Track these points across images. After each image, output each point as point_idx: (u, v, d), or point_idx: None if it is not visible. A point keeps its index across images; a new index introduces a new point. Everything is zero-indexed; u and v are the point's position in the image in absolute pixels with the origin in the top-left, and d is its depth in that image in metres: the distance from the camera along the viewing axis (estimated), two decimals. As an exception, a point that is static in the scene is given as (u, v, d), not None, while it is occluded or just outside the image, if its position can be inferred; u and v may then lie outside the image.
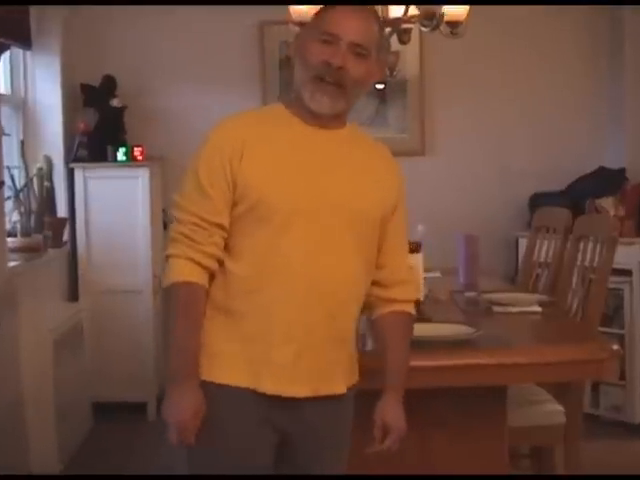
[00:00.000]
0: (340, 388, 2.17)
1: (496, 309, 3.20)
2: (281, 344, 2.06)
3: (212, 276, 2.10)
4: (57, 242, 4.90)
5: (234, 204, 2.08)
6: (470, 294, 3.48)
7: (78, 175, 5.18)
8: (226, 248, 2.10)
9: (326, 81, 2.07)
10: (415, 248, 3.35)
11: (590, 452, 3.43)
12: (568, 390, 3.22)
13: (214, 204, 2.07)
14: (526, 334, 3.09)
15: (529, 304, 3.25)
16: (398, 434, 2.21)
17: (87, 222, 5.17)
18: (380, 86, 5.50)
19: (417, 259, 3.22)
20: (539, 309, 3.22)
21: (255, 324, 2.06)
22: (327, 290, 2.08)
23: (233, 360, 2.08)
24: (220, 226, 2.08)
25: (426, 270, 3.31)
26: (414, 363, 2.46)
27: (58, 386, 4.22)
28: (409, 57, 5.49)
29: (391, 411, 2.20)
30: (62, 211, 5.15)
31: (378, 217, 2.18)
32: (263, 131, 2.11)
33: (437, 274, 4.02)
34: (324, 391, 2.12)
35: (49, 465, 4.15)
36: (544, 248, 4.02)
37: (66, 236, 5.13)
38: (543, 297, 3.43)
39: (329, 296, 2.08)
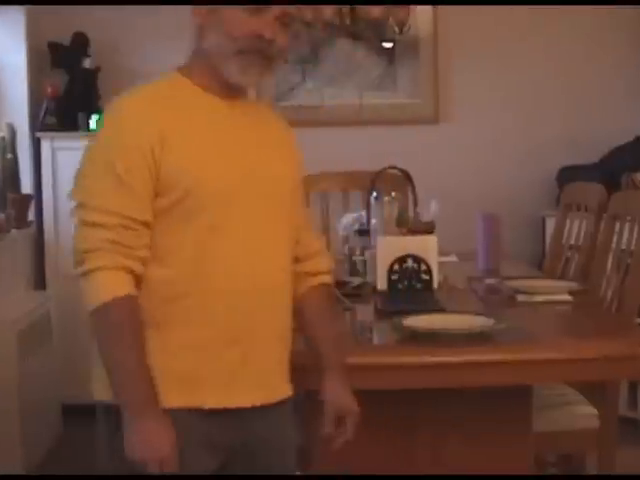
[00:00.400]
0: (288, 390, 2.21)
1: (520, 298, 3.19)
2: (223, 351, 2.06)
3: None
4: (21, 222, 4.88)
5: (155, 197, 2.03)
6: (490, 281, 3.46)
7: (45, 146, 5.16)
8: None
9: (255, 54, 2.10)
10: (428, 229, 3.34)
11: (626, 460, 3.42)
12: (602, 390, 3.21)
13: (140, 200, 2.01)
14: (554, 326, 3.08)
15: (558, 292, 3.24)
16: (356, 417, 2.25)
17: (55, 199, 5.15)
18: (388, 45, 5.46)
19: (430, 241, 3.20)
20: (569, 298, 3.21)
21: (189, 333, 2.04)
22: (265, 283, 2.10)
23: (162, 378, 2.02)
24: (147, 225, 2.03)
25: (441, 254, 3.31)
26: (426, 360, 2.46)
27: (23, 385, 4.21)
28: (421, 11, 5.46)
29: (344, 392, 2.25)
30: (27, 187, 5.13)
31: (296, 190, 2.26)
32: (179, 110, 2.09)
33: (453, 258, 4.02)
34: (273, 396, 2.15)
35: (13, 473, 4.14)
36: (575, 229, 4.01)
37: (31, 215, 5.11)
38: (573, 284, 3.41)
39: (268, 289, 2.11)
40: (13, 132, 5.01)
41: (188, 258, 2.03)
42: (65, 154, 5.13)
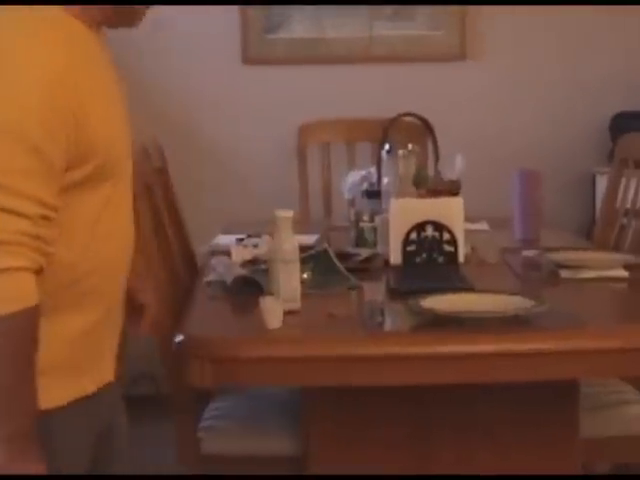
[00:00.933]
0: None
1: (565, 274, 3.19)
2: (101, 331, 2.15)
3: None
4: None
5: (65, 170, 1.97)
6: (529, 253, 3.46)
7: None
8: None
9: None
10: (452, 189, 3.33)
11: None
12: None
13: (58, 181, 1.93)
14: (606, 309, 3.09)
15: (611, 267, 3.26)
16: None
17: None
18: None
19: (455, 205, 3.19)
20: (625, 274, 3.22)
21: (80, 319, 2.07)
22: (129, 252, 2.22)
23: (60, 371, 2.04)
24: (57, 210, 1.96)
25: (468, 220, 3.31)
26: (450, 349, 2.46)
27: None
28: None
29: None
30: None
31: None
32: (88, 62, 2.03)
33: (483, 226, 4.03)
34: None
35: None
36: (631, 189, 4.01)
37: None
38: (630, 257, 3.42)
39: (128, 258, 2.23)
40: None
41: (85, 235, 2.03)
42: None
